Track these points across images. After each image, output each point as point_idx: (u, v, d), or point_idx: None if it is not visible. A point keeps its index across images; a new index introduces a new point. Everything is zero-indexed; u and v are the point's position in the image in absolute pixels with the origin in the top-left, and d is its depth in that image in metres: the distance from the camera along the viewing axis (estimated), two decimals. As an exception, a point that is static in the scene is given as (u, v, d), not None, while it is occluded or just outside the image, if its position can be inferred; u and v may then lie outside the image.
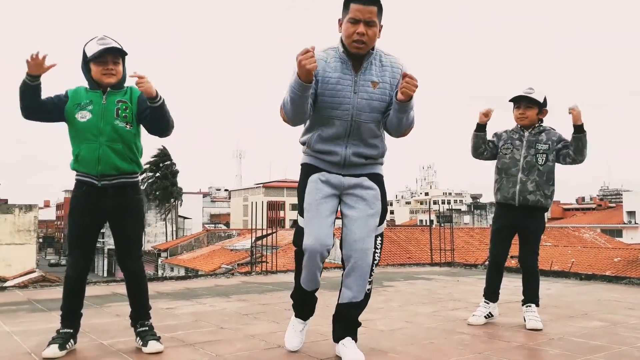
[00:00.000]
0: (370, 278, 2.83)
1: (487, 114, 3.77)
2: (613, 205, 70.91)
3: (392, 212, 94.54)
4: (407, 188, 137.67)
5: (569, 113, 3.59)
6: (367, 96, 2.71)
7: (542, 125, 3.80)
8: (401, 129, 2.76)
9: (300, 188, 2.86)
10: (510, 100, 3.81)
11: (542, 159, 3.70)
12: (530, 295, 3.73)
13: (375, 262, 2.84)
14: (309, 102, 2.64)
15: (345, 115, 2.71)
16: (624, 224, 49.98)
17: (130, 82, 3.02)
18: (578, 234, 32.80)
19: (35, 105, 2.88)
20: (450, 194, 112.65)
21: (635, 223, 49.29)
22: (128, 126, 2.95)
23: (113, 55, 2.92)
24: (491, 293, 3.85)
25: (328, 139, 2.77)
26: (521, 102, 3.75)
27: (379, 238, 2.85)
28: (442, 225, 12.07)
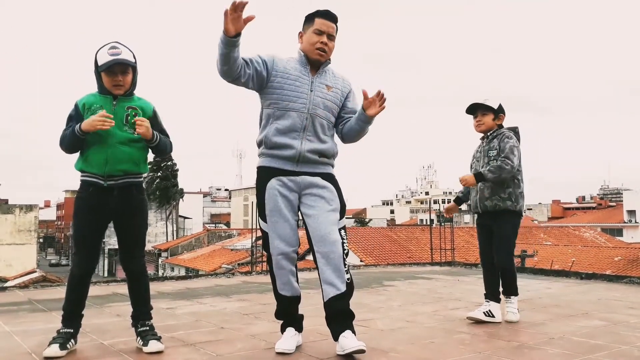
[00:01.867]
0: (345, 267, 2.87)
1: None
2: (613, 204, 70.96)
3: (392, 212, 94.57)
4: (408, 187, 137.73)
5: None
6: (322, 95, 2.98)
7: (496, 131, 3.93)
8: (359, 136, 3.10)
9: (259, 194, 2.99)
10: (466, 112, 4.00)
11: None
12: (507, 289, 3.90)
13: (345, 251, 2.89)
14: (237, 58, 2.74)
15: (302, 107, 2.93)
16: (624, 223, 49.99)
17: (141, 93, 3.11)
18: (578, 233, 32.81)
19: (82, 146, 2.99)
20: (450, 193, 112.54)
21: (636, 222, 49.30)
22: (136, 133, 2.99)
23: (122, 67, 2.94)
24: (489, 293, 3.92)
25: (285, 131, 2.92)
26: (477, 110, 3.94)
27: (342, 230, 2.95)
28: (443, 224, 12.07)
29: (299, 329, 3.07)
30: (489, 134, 3.92)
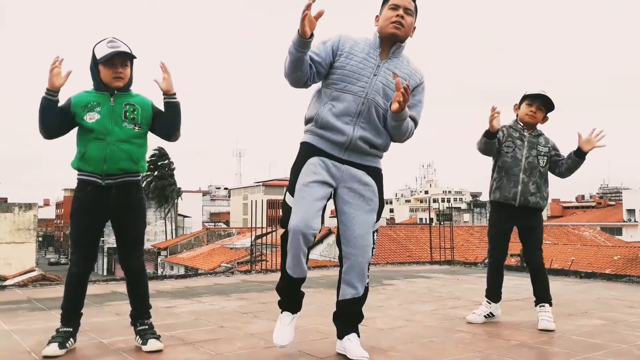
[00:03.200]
0: (368, 271, 2.86)
1: (498, 120, 3.58)
2: (613, 203, 70.96)
3: (392, 211, 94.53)
4: (407, 186, 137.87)
5: (589, 137, 3.53)
6: (385, 82, 2.74)
7: (539, 130, 3.81)
8: (395, 136, 2.83)
9: (296, 166, 2.78)
10: (525, 96, 3.73)
11: (544, 161, 3.70)
12: (542, 295, 3.66)
13: (372, 255, 2.85)
14: (307, 60, 2.63)
15: (360, 91, 2.71)
16: (624, 222, 49.99)
17: (138, 89, 3.07)
18: (578, 232, 32.79)
19: (57, 123, 2.91)
20: (450, 192, 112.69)
21: (635, 221, 49.30)
22: (136, 128, 2.98)
23: (122, 58, 2.93)
24: (493, 294, 3.83)
25: (338, 114, 2.72)
26: (537, 100, 3.68)
27: (375, 234, 2.86)
28: (442, 223, 12.06)
29: (297, 308, 2.92)
30: (536, 127, 3.74)
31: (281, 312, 2.92)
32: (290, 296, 2.90)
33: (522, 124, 3.75)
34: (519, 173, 3.67)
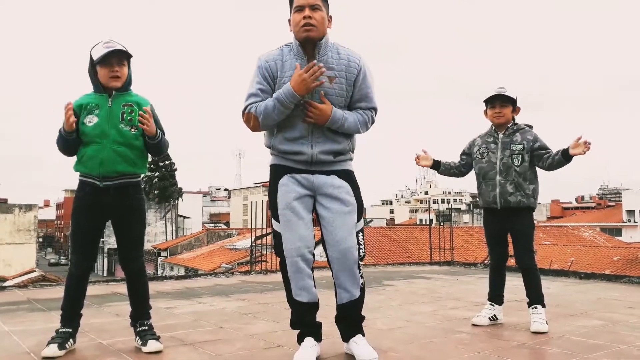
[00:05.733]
0: (360, 272, 2.80)
1: (423, 159, 3.87)
2: (612, 204, 71.00)
3: (391, 212, 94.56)
4: (407, 187, 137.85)
5: (577, 141, 3.48)
6: (323, 87, 2.69)
7: (516, 124, 3.78)
8: (351, 132, 2.81)
9: (272, 192, 2.80)
10: (484, 101, 3.81)
11: (518, 160, 3.68)
12: (534, 296, 3.66)
13: (361, 256, 2.79)
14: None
15: (303, 113, 2.69)
16: (624, 222, 49.99)
17: (137, 89, 3.08)
18: (577, 232, 32.80)
19: (78, 147, 2.98)
20: (449, 193, 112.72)
21: (635, 222, 49.31)
22: (133, 129, 2.98)
23: (118, 57, 2.94)
24: (495, 296, 3.82)
25: (292, 139, 2.74)
26: (496, 101, 3.75)
27: (360, 234, 2.81)
28: (442, 224, 12.07)
29: (318, 338, 2.80)
30: (509, 126, 3.75)
31: (301, 342, 2.78)
32: (306, 325, 2.79)
33: (494, 128, 3.81)
34: (494, 176, 3.71)
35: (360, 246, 2.79)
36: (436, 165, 3.93)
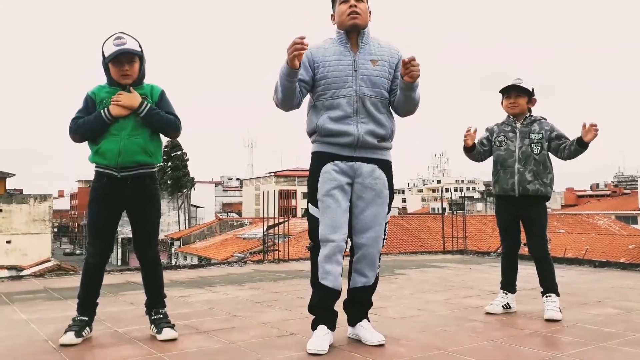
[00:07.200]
0: (379, 262, 2.93)
1: (471, 137, 3.77)
2: (628, 191, 70.18)
3: (404, 200, 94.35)
4: (420, 176, 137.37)
5: (586, 128, 3.50)
6: (367, 73, 2.84)
7: (532, 116, 3.80)
8: (407, 106, 2.90)
9: (312, 177, 2.87)
10: (500, 92, 3.84)
11: (537, 149, 3.69)
12: (547, 285, 3.66)
13: (383, 246, 2.92)
14: (297, 88, 2.77)
15: (349, 92, 2.80)
16: (639, 210, 49.43)
17: (150, 80, 3.11)
18: (592, 220, 32.55)
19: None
20: (462, 181, 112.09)
21: (651, 210, 48.71)
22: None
23: (128, 56, 2.94)
24: (507, 284, 3.82)
25: (337, 119, 2.81)
26: (511, 91, 3.78)
27: (386, 225, 2.92)
28: (455, 213, 12.02)
29: (332, 327, 2.83)
30: (526, 116, 3.77)
31: (314, 330, 2.80)
32: (324, 316, 2.81)
33: (512, 117, 3.82)
34: (513, 164, 3.72)
35: (385, 237, 2.89)
36: (473, 147, 3.84)
